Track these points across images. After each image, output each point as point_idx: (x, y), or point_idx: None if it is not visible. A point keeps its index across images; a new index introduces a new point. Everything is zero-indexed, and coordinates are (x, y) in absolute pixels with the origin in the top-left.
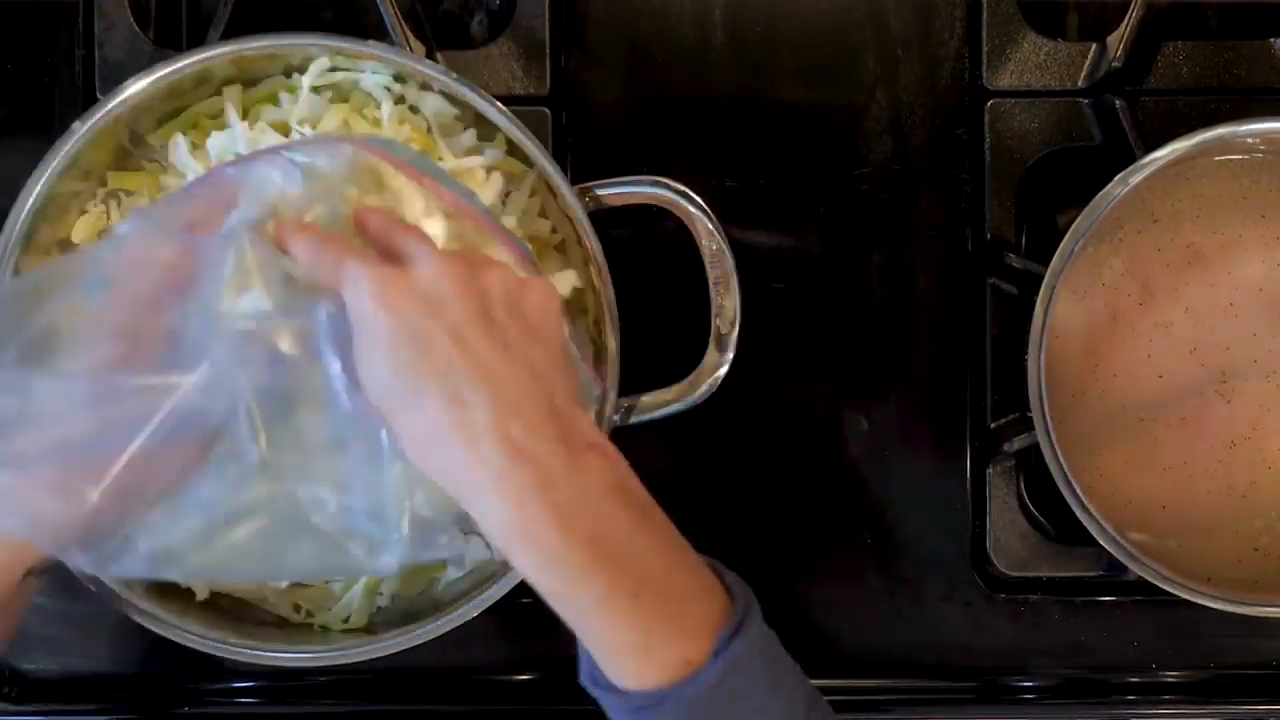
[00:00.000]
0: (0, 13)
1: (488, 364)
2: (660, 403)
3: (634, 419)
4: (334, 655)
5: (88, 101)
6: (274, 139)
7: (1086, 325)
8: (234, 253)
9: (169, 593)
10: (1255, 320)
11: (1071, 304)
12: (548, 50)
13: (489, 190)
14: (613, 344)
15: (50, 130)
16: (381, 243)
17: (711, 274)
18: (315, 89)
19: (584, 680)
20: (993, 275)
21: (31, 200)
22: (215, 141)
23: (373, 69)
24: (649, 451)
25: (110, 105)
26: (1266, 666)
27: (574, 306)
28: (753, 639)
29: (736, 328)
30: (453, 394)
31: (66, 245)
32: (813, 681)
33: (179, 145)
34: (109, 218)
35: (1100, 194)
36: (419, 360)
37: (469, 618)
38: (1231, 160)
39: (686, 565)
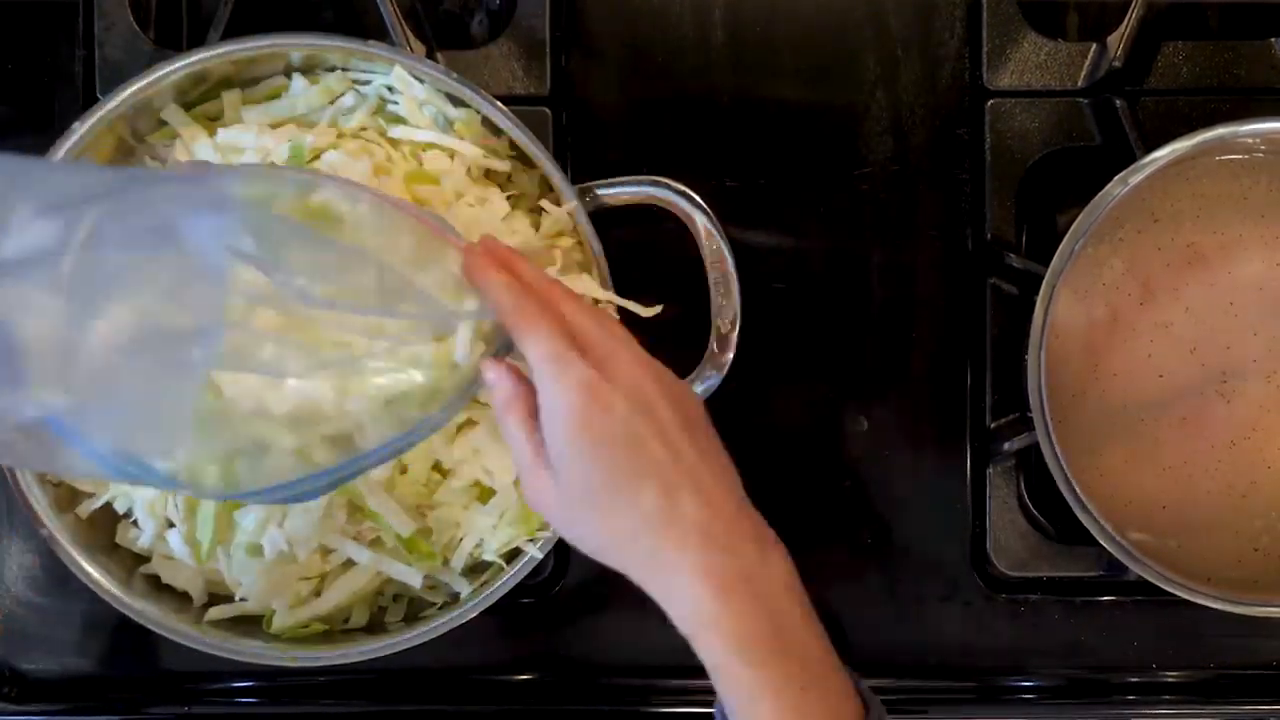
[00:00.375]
0: (0, 13)
1: (692, 464)
2: None
3: None
4: (334, 655)
5: (88, 101)
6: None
7: (1086, 325)
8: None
9: (168, 593)
10: (1255, 320)
11: (1071, 304)
12: (548, 50)
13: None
14: None
15: (50, 130)
16: (568, 323)
17: (711, 274)
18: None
19: None
20: (993, 275)
21: None
22: (226, 136)
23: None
24: None
25: (110, 105)
26: (1266, 666)
27: None
28: None
29: (737, 328)
30: (667, 492)
31: None
32: None
33: (201, 145)
34: None
35: (1100, 194)
36: (635, 460)
37: (468, 618)
38: (1231, 160)
39: (838, 664)
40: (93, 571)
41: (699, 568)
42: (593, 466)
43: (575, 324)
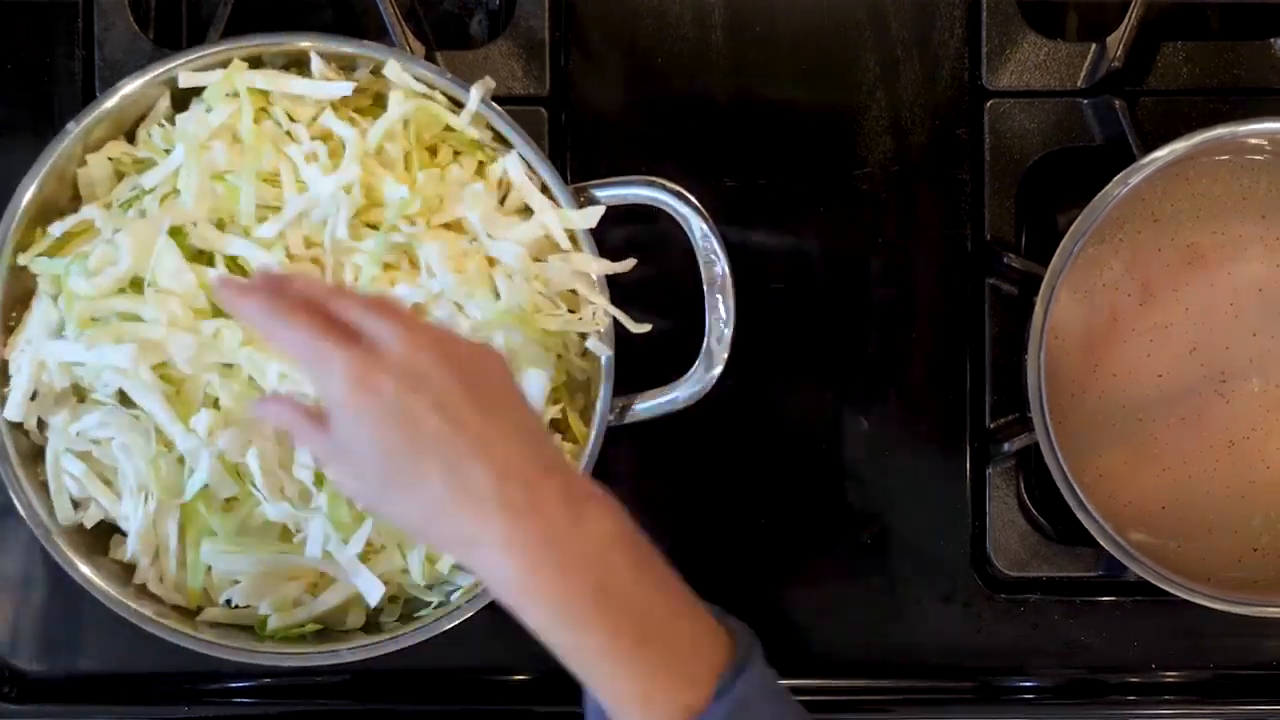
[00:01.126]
0: (0, 13)
1: (478, 431)
2: (656, 402)
3: (630, 418)
4: (334, 655)
5: (88, 101)
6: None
7: (1086, 325)
8: None
9: (158, 594)
10: (1255, 320)
11: (1071, 304)
12: (547, 50)
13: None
14: (609, 344)
15: (51, 130)
16: (335, 316)
17: (706, 274)
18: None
19: None
20: (992, 275)
21: (26, 198)
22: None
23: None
24: (647, 452)
25: (106, 105)
26: (1266, 666)
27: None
28: (754, 682)
29: (732, 327)
30: (451, 466)
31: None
32: (812, 681)
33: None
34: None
35: (1100, 194)
36: (413, 439)
37: (463, 617)
38: (1231, 160)
39: (689, 612)
40: (89, 574)
41: (500, 538)
42: (374, 452)
43: (345, 317)
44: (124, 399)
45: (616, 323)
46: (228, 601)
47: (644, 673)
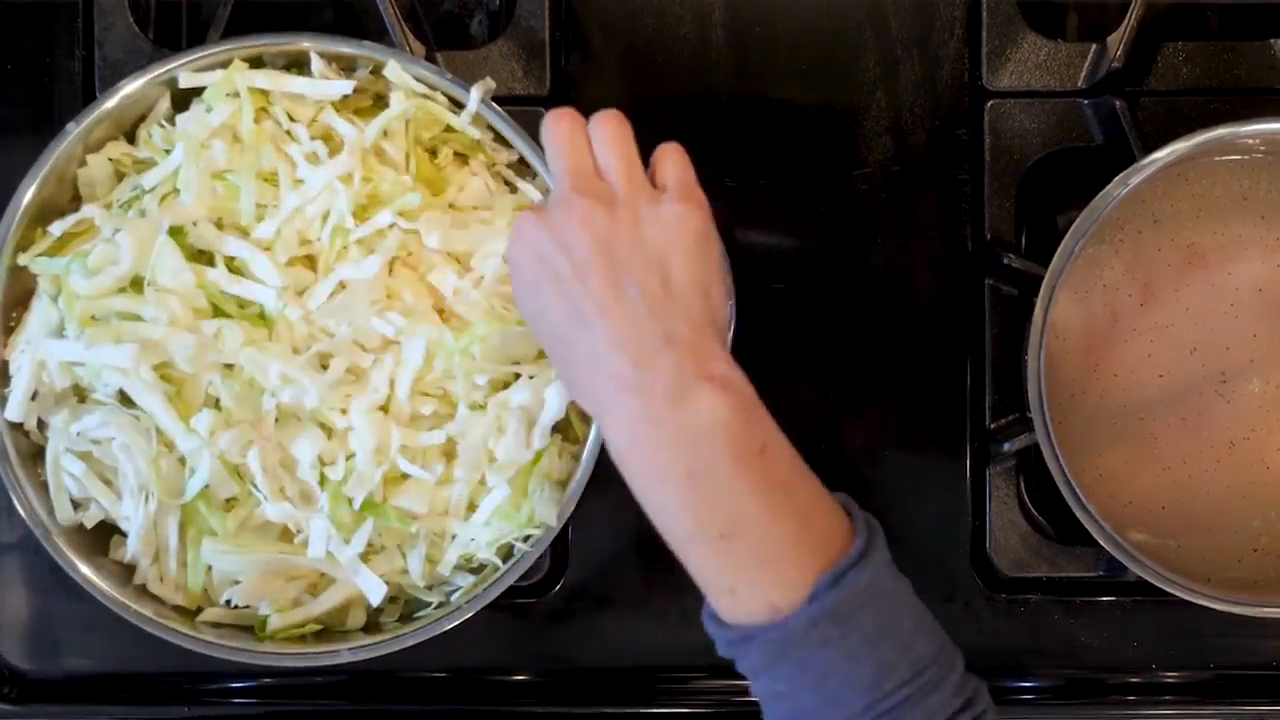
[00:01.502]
0: (0, 13)
1: (600, 298)
2: None
3: None
4: (334, 656)
5: (88, 101)
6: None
7: (1086, 325)
8: None
9: (158, 594)
10: (1255, 320)
11: (1071, 304)
12: (548, 50)
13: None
14: None
15: (51, 130)
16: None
17: None
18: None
19: (703, 612)
20: (992, 276)
21: (27, 199)
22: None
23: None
24: None
25: (106, 105)
26: (1266, 666)
27: None
28: (859, 584)
29: (732, 328)
30: (576, 314)
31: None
32: None
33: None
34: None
35: (1100, 194)
36: (552, 286)
37: (463, 617)
38: (1231, 160)
39: (797, 508)
40: (89, 574)
41: (606, 405)
42: (522, 293)
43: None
44: (124, 399)
45: None
46: (227, 602)
47: (730, 565)
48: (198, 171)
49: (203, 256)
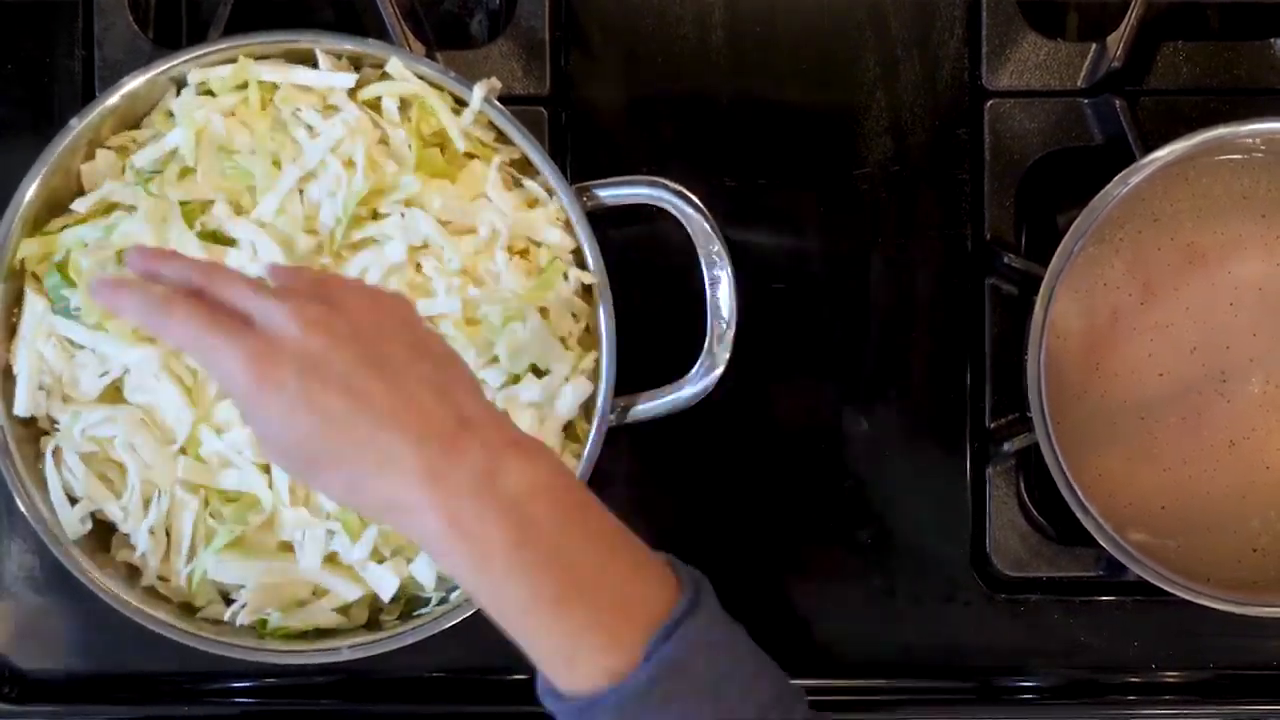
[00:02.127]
0: (0, 13)
1: (384, 404)
2: (657, 402)
3: (630, 418)
4: (334, 654)
5: (88, 100)
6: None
7: (1086, 325)
8: None
9: (165, 594)
10: (1255, 320)
11: (1071, 304)
12: (548, 50)
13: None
14: (609, 344)
15: (51, 129)
16: (210, 296)
17: (708, 274)
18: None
19: (538, 689)
20: (992, 275)
21: (27, 198)
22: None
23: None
24: (647, 451)
25: (108, 102)
26: (1266, 666)
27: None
28: (691, 638)
29: (733, 327)
30: (363, 442)
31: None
32: (812, 681)
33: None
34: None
35: (1100, 194)
36: (322, 424)
37: (463, 615)
38: (1231, 160)
39: (624, 566)
40: (92, 574)
41: (418, 500)
42: (287, 439)
43: (230, 299)
44: (118, 395)
45: (617, 322)
46: (229, 602)
47: (567, 631)
48: (194, 141)
49: (217, 241)
